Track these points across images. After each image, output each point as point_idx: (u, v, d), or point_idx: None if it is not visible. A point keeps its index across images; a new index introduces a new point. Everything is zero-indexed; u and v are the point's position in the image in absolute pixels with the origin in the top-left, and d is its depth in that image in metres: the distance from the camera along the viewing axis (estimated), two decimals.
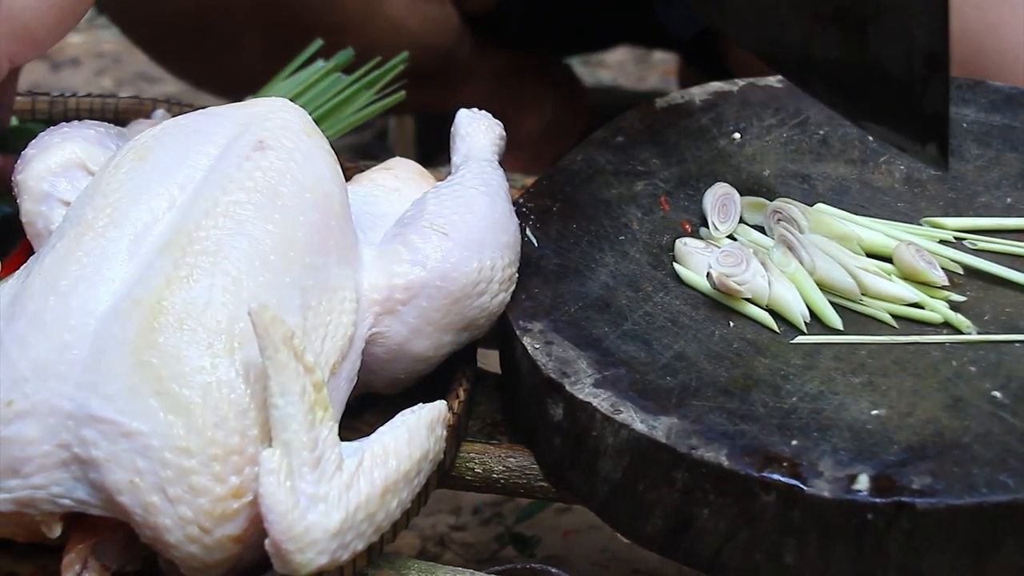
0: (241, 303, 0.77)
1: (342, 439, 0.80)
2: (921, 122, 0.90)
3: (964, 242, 0.94)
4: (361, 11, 1.42)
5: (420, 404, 0.82)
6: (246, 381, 0.76)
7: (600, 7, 1.62)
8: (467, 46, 1.57)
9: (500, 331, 0.92)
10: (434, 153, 1.68)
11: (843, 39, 0.92)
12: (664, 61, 2.28)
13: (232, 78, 1.44)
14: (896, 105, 0.91)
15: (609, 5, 1.61)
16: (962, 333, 0.88)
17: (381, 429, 0.80)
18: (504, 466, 0.90)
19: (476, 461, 0.90)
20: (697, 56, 1.61)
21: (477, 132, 0.99)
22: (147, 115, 1.08)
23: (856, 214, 0.97)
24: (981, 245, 0.94)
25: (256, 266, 0.80)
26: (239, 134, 0.87)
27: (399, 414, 0.82)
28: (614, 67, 2.35)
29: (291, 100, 1.07)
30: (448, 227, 0.87)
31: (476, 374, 0.95)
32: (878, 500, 0.76)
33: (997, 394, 0.82)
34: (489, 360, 0.97)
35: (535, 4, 1.58)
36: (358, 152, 2.13)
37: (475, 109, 1.01)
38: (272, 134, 0.87)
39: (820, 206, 0.97)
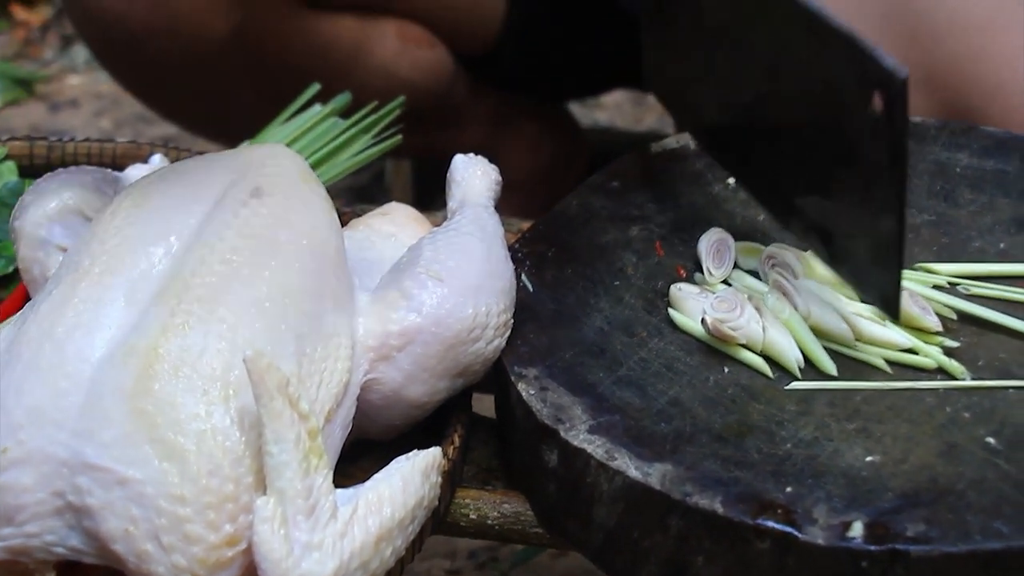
0: (236, 350, 0.77)
1: (337, 486, 0.80)
2: (874, 270, 0.90)
3: (958, 287, 0.95)
4: (351, 56, 1.42)
5: (415, 451, 0.82)
6: (241, 428, 0.76)
7: (596, 50, 1.63)
8: (462, 89, 1.58)
9: (495, 377, 0.92)
10: (431, 196, 1.69)
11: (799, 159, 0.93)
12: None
13: (224, 124, 1.45)
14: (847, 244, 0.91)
15: (605, 48, 1.62)
16: (956, 379, 0.88)
17: (376, 476, 0.80)
18: (499, 512, 0.90)
19: (471, 507, 0.90)
20: None
21: (473, 177, 0.99)
22: (144, 160, 1.08)
23: None
24: (975, 291, 0.94)
25: (252, 313, 0.80)
26: (236, 180, 0.87)
27: (394, 461, 0.82)
28: (611, 108, 2.36)
29: (288, 145, 1.08)
30: (444, 273, 0.88)
31: (471, 419, 0.95)
32: (872, 548, 0.76)
33: (991, 440, 0.83)
34: (485, 405, 0.97)
35: (530, 47, 1.59)
36: (356, 194, 2.13)
37: (471, 154, 1.02)
38: (269, 180, 0.87)
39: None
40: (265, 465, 0.74)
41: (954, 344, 0.90)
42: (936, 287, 0.94)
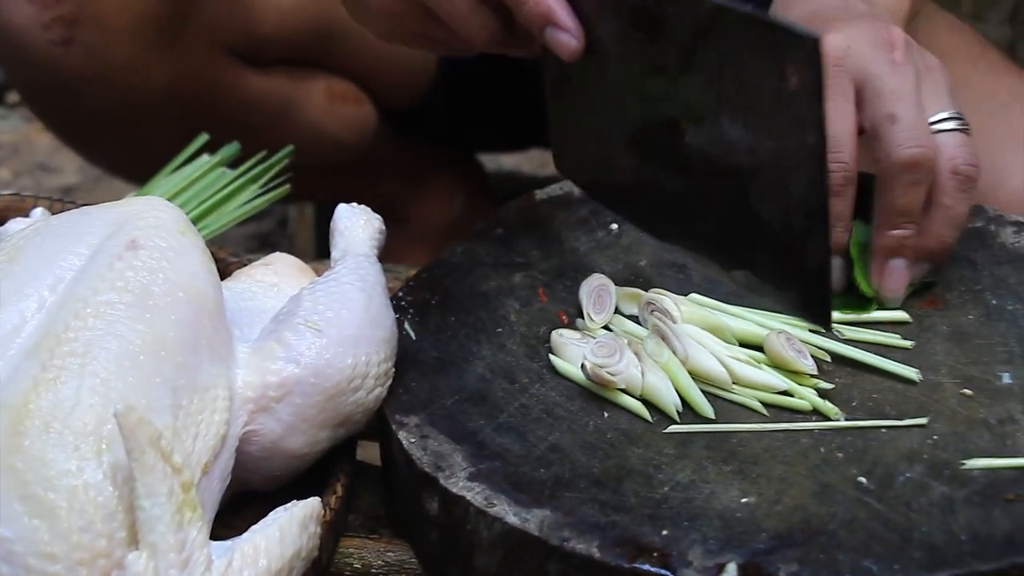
0: (109, 404, 0.77)
1: (219, 538, 0.80)
2: (803, 279, 0.89)
3: (834, 331, 0.96)
4: (280, 112, 1.43)
5: (293, 501, 0.82)
6: (114, 483, 0.75)
7: (518, 110, 1.64)
8: (384, 143, 1.59)
9: (378, 425, 0.92)
10: None
11: (720, 196, 0.92)
12: None
13: (147, 168, 1.45)
14: (775, 263, 0.90)
15: (527, 108, 1.64)
16: (830, 420, 0.89)
17: (253, 528, 0.80)
18: (383, 561, 0.90)
19: (355, 556, 0.90)
20: None
21: (355, 227, 1.00)
22: (26, 213, 1.07)
23: (729, 304, 0.98)
24: (849, 334, 0.96)
25: (125, 367, 0.80)
26: (112, 234, 0.87)
27: (272, 512, 0.82)
28: (516, 154, 2.37)
29: (175, 195, 1.09)
30: (323, 323, 0.88)
31: (356, 468, 0.95)
32: None
33: (863, 480, 0.84)
34: (375, 452, 0.97)
35: (456, 104, 1.60)
36: (260, 241, 2.13)
37: (354, 204, 1.02)
38: (145, 233, 0.87)
39: (693, 296, 0.99)
40: (137, 519, 0.74)
41: (828, 386, 0.92)
42: (812, 330, 0.96)
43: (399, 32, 1.02)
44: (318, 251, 1.84)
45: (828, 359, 0.94)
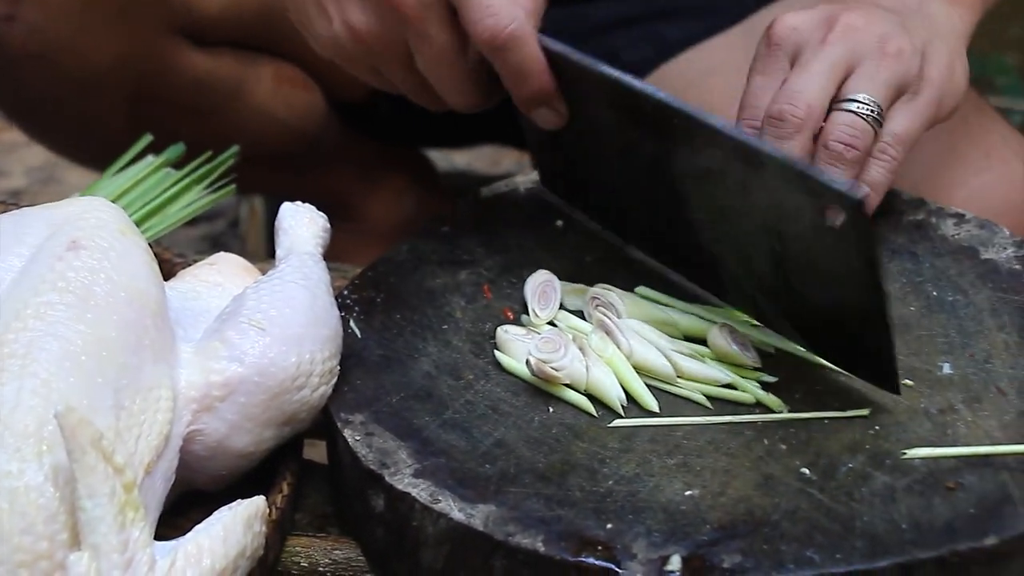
0: (50, 405, 0.77)
1: (165, 538, 0.79)
2: (861, 357, 0.90)
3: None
4: (228, 95, 1.42)
5: (238, 500, 0.82)
6: (55, 485, 0.75)
7: None
8: (334, 133, 1.58)
9: (324, 423, 0.92)
10: None
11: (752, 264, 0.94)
12: None
13: (99, 151, 1.44)
14: (824, 332, 0.92)
15: None
16: (774, 412, 0.90)
17: (196, 528, 0.80)
18: (330, 559, 0.90)
19: (302, 555, 0.90)
20: None
21: (300, 225, 1.00)
22: None
23: (675, 297, 0.99)
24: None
25: (66, 367, 0.79)
26: (53, 234, 0.87)
27: (216, 511, 0.81)
28: (469, 152, 2.38)
29: (119, 196, 1.08)
30: (266, 322, 0.88)
31: (303, 466, 0.95)
32: None
33: (806, 471, 0.85)
34: (323, 450, 0.97)
35: (404, 99, 1.59)
36: (211, 242, 2.12)
37: (299, 202, 1.02)
38: (86, 234, 0.87)
39: (639, 289, 0.99)
40: (79, 520, 0.74)
41: (772, 379, 0.92)
42: (755, 325, 0.96)
43: (358, 61, 1.03)
44: (269, 251, 1.83)
45: (773, 351, 0.94)
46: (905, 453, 0.85)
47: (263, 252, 1.86)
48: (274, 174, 1.55)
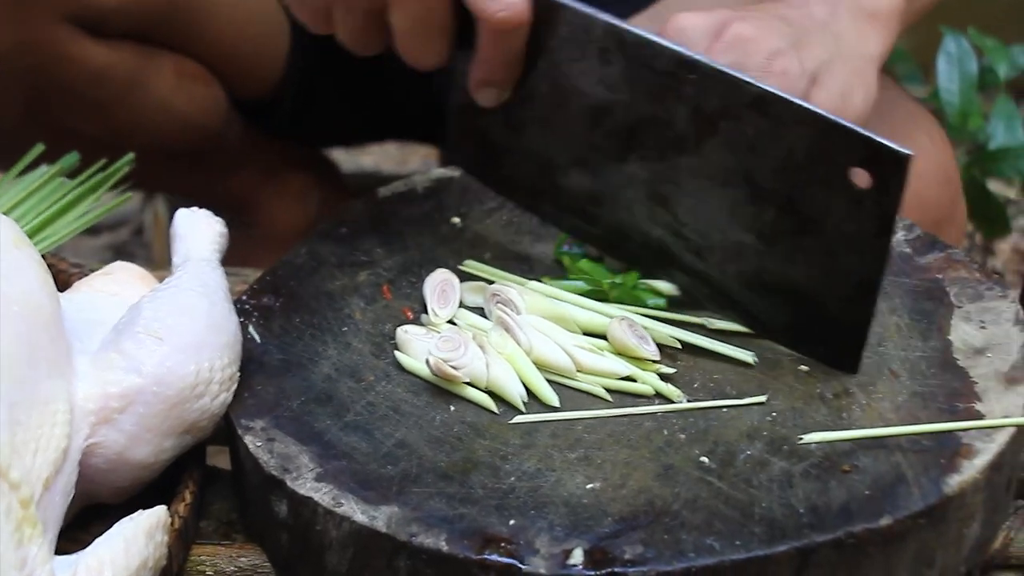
0: None
1: (67, 552, 0.79)
2: (832, 335, 0.91)
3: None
4: (126, 86, 1.40)
5: (139, 511, 0.82)
6: None
7: (373, 104, 1.64)
8: (237, 132, 1.57)
9: (225, 430, 0.92)
10: None
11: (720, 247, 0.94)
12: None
13: None
14: (796, 315, 0.93)
15: (382, 103, 1.63)
16: (673, 402, 0.91)
17: (97, 540, 0.79)
18: (236, 566, 0.90)
19: (207, 563, 0.90)
20: None
21: (196, 231, 0.99)
22: None
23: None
24: (692, 319, 0.97)
25: None
26: None
27: (117, 523, 0.81)
28: (376, 152, 2.37)
29: (12, 207, 1.07)
30: (163, 331, 0.87)
31: (206, 474, 0.95)
32: (592, 573, 0.78)
33: (705, 460, 0.86)
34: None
35: (308, 97, 1.59)
36: (115, 251, 2.10)
37: (195, 208, 1.01)
38: None
39: (536, 285, 0.99)
40: None
41: (670, 370, 0.93)
42: (654, 317, 0.97)
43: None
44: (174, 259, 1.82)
45: (673, 343, 0.95)
46: (801, 438, 0.86)
47: (169, 259, 1.84)
48: (178, 173, 1.54)
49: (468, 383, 0.92)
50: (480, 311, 0.99)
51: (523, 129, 1.00)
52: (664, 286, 0.98)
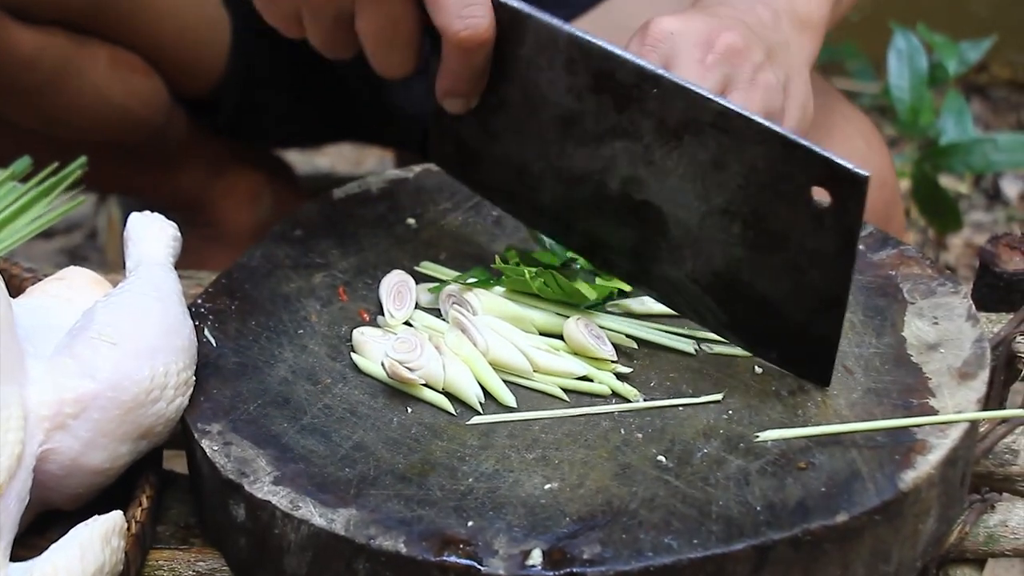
0: None
1: (23, 558, 0.78)
2: (802, 347, 0.91)
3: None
4: (58, 73, 1.38)
5: (95, 516, 0.81)
6: None
7: (318, 104, 1.63)
8: (181, 127, 1.55)
9: (182, 435, 0.91)
10: None
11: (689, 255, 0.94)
12: None
13: None
14: (765, 326, 0.92)
15: (328, 103, 1.62)
16: (630, 402, 0.91)
17: (53, 546, 0.79)
18: (194, 571, 0.89)
19: (165, 568, 0.89)
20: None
21: (149, 235, 0.98)
22: None
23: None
24: (645, 317, 0.98)
25: None
26: None
27: (73, 529, 0.80)
28: (331, 153, 2.37)
29: None
30: (117, 336, 0.87)
31: (164, 478, 0.94)
32: (550, 574, 0.78)
33: (662, 458, 0.86)
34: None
35: (251, 95, 1.57)
36: (68, 255, 2.09)
37: (147, 212, 1.01)
38: None
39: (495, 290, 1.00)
40: None
41: (627, 369, 0.93)
42: (609, 313, 0.97)
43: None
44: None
45: (630, 343, 0.95)
46: (758, 436, 0.87)
47: (122, 263, 1.83)
48: (125, 169, 1.52)
49: (425, 384, 0.91)
50: (436, 312, 0.99)
51: (498, 136, 1.00)
52: (589, 290, 0.98)
